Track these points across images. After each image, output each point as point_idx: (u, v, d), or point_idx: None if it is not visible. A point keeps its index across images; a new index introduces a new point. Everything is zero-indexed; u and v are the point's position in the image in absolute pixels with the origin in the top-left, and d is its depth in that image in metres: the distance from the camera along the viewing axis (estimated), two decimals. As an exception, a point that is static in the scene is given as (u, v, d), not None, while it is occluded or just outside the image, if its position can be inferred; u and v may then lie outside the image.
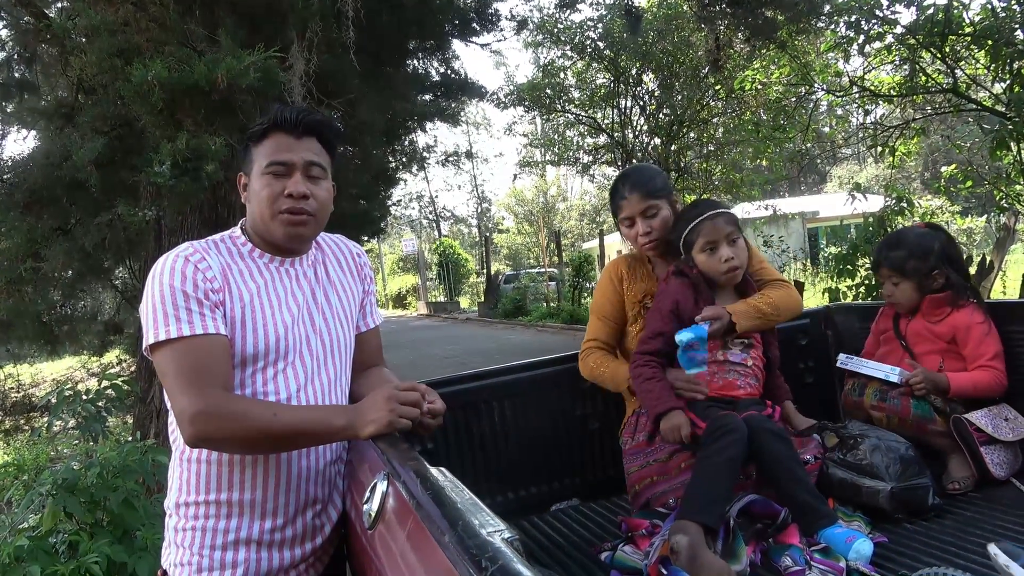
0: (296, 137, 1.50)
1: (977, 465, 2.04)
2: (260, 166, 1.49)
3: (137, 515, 2.66)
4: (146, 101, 3.48)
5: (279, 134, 1.50)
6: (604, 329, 2.28)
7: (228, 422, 1.33)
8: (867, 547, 1.64)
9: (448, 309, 27.96)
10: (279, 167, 1.48)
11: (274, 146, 1.49)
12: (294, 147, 1.49)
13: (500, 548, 0.76)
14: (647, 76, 14.66)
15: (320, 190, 1.52)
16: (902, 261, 2.24)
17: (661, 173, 2.25)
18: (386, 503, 1.20)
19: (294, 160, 1.48)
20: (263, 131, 1.51)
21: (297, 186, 1.47)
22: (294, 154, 1.48)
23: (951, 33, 6.94)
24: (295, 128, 1.50)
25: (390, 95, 6.64)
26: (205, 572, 1.46)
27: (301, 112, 1.51)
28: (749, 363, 2.04)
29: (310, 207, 1.49)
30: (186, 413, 1.33)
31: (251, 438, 1.36)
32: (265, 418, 1.35)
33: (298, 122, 1.50)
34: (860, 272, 6.59)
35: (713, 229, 2.01)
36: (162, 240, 4.73)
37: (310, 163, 1.50)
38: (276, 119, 1.50)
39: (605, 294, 2.28)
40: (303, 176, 1.49)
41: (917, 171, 32.78)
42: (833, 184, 39.53)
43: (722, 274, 2.03)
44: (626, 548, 1.83)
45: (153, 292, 1.40)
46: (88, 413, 3.34)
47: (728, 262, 2.00)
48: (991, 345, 2.14)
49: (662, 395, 1.96)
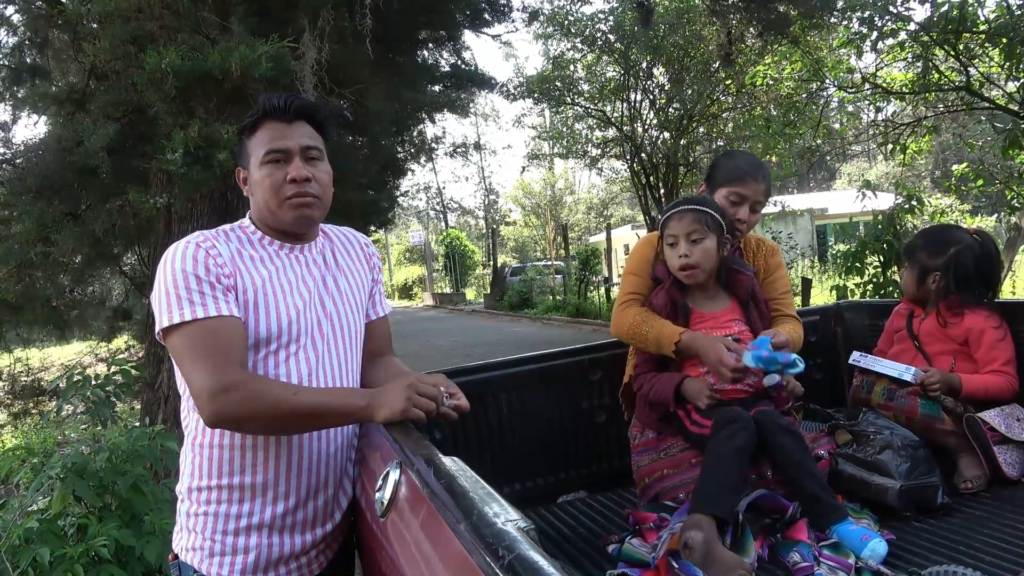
0: (288, 123, 1.50)
1: (989, 465, 2.03)
2: (258, 156, 1.50)
3: (145, 500, 2.68)
4: (159, 88, 3.49)
5: (271, 122, 1.50)
6: (645, 285, 2.19)
7: (250, 400, 1.33)
8: (882, 547, 1.64)
9: (454, 301, 28.01)
10: (277, 155, 1.48)
11: (268, 135, 1.49)
12: (288, 133, 1.50)
13: (516, 537, 0.77)
14: (657, 70, 14.58)
15: (320, 172, 1.53)
16: (914, 248, 2.30)
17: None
18: (399, 491, 1.20)
19: (291, 146, 1.49)
20: (254, 122, 1.52)
21: (299, 170, 1.48)
22: (290, 140, 1.49)
23: (965, 30, 6.89)
24: (286, 114, 1.50)
25: (400, 85, 6.64)
26: (217, 557, 1.47)
27: (289, 97, 1.51)
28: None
29: (314, 190, 1.51)
30: (206, 391, 1.32)
31: (272, 417, 1.37)
32: (286, 396, 1.36)
33: (288, 107, 1.50)
34: (868, 270, 6.55)
35: (677, 225, 2.02)
36: (172, 227, 4.74)
37: (307, 147, 1.51)
38: (265, 108, 1.50)
39: (643, 255, 2.24)
40: (302, 160, 1.50)
41: (928, 169, 32.61)
42: (842, 181, 39.36)
43: (677, 270, 2.03)
44: (634, 541, 1.84)
45: (166, 277, 1.40)
46: (97, 398, 3.36)
47: (682, 259, 2.00)
48: (1004, 350, 2.14)
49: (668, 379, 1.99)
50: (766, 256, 2.30)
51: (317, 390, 1.47)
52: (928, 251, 2.26)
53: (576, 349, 2.52)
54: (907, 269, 2.33)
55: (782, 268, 2.33)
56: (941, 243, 2.24)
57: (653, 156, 14.79)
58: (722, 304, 2.08)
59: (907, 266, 2.33)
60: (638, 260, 2.24)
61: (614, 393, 2.40)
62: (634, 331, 2.09)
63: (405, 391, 1.38)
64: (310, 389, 1.45)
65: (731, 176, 2.20)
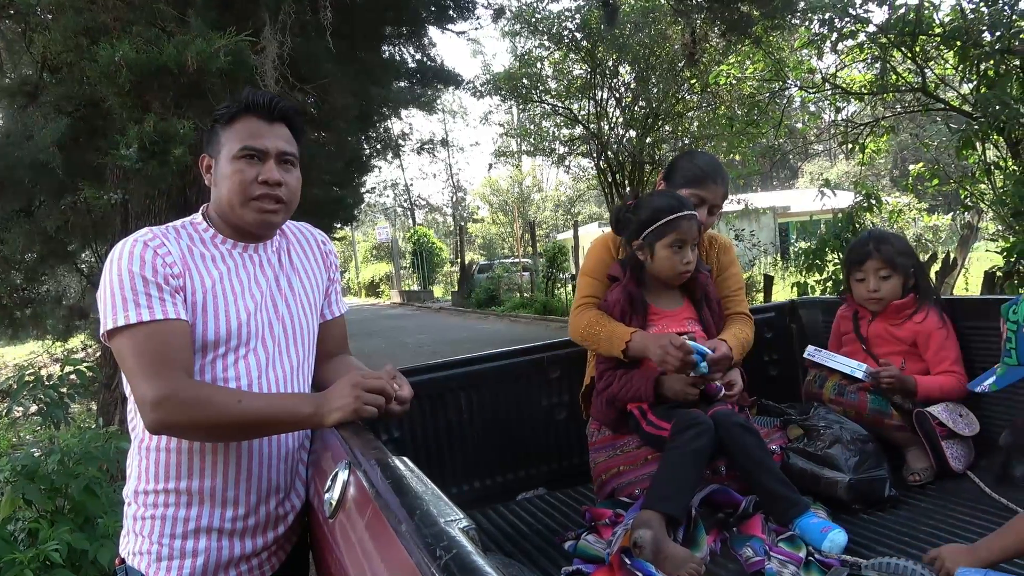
0: (268, 122, 1.48)
1: (937, 459, 2.09)
2: (231, 150, 1.46)
3: (99, 502, 2.63)
4: (113, 82, 3.41)
5: (251, 118, 1.47)
6: (600, 287, 2.21)
7: (192, 408, 1.31)
8: (842, 537, 1.68)
9: (421, 298, 27.87)
10: (252, 152, 1.45)
11: (246, 131, 1.46)
12: (267, 133, 1.47)
13: (456, 538, 0.77)
14: (623, 68, 14.70)
15: (292, 178, 1.50)
16: (894, 255, 2.24)
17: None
18: (347, 492, 1.19)
19: (268, 147, 1.46)
20: (233, 114, 1.48)
21: (272, 173, 1.45)
22: (268, 141, 1.46)
23: (921, 33, 7.04)
24: (268, 113, 1.48)
25: (365, 80, 6.58)
26: (164, 561, 1.44)
27: (275, 98, 1.49)
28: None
29: (283, 194, 1.48)
30: (148, 399, 1.30)
31: (215, 425, 1.34)
32: (230, 405, 1.33)
33: (272, 107, 1.48)
34: (828, 267, 6.69)
35: (689, 230, 1.99)
36: (129, 224, 4.65)
37: (283, 152, 1.49)
38: (248, 102, 1.47)
39: (599, 257, 2.25)
40: (277, 163, 1.47)
41: (886, 168, 33.29)
42: (804, 180, 39.98)
43: (677, 275, 2.03)
44: (589, 537, 1.85)
45: (111, 277, 1.37)
46: (50, 399, 3.28)
47: (687, 265, 2.01)
48: (952, 349, 2.20)
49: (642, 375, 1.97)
50: (719, 253, 2.33)
51: (263, 397, 1.43)
52: (906, 256, 2.28)
53: (536, 347, 2.52)
54: (892, 277, 2.24)
55: (735, 265, 2.36)
56: (903, 243, 2.30)
57: (619, 154, 14.92)
58: (677, 302, 2.10)
59: (889, 274, 2.24)
60: (594, 262, 2.26)
61: (574, 391, 2.42)
62: (587, 332, 2.11)
63: (352, 391, 1.37)
64: (255, 396, 1.42)
65: (692, 178, 2.21)
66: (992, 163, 6.61)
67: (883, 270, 2.24)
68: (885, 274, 2.24)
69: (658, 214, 2.00)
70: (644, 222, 2.02)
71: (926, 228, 14.00)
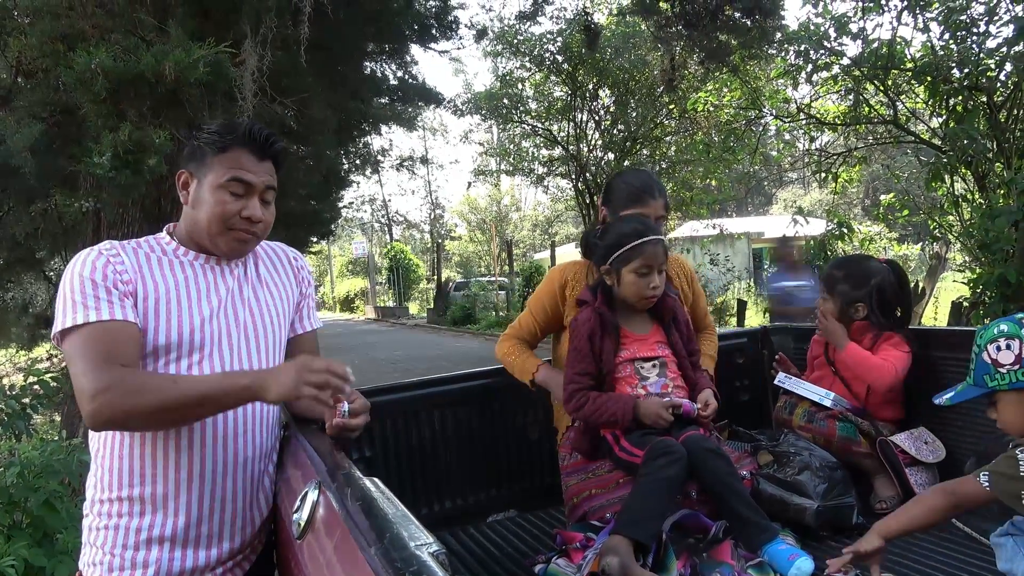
0: (259, 158, 1.50)
1: (902, 485, 2.11)
2: (218, 177, 1.47)
3: (59, 517, 2.57)
4: (88, 89, 3.37)
5: (244, 150, 1.48)
6: (532, 325, 2.34)
7: (128, 396, 1.30)
8: (808, 565, 1.68)
9: (397, 314, 27.74)
10: (240, 185, 1.47)
11: (237, 162, 1.47)
12: (257, 168, 1.49)
13: (426, 562, 0.76)
14: (603, 92, 14.83)
15: (269, 213, 1.54)
16: (835, 281, 2.35)
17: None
18: (316, 512, 1.18)
19: (256, 182, 1.49)
20: (228, 143, 1.48)
21: (255, 211, 1.49)
22: (256, 176, 1.49)
23: (893, 67, 7.22)
24: (262, 150, 1.50)
25: (345, 95, 6.58)
26: (116, 572, 1.43)
27: (271, 136, 1.52)
28: (670, 387, 2.02)
29: (259, 230, 1.52)
30: (86, 392, 1.30)
31: (153, 408, 1.32)
32: (165, 387, 1.33)
33: (268, 145, 1.51)
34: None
35: (655, 255, 1.99)
36: (100, 232, 4.56)
37: (268, 187, 1.52)
38: (245, 134, 1.49)
39: (547, 295, 2.31)
40: (260, 200, 1.50)
41: (859, 197, 33.93)
42: (778, 206, 40.58)
43: (644, 299, 2.03)
44: (559, 561, 1.84)
45: (64, 283, 1.41)
46: (12, 410, 3.20)
47: (654, 290, 2.02)
48: (901, 360, 2.22)
49: (620, 400, 1.96)
50: (690, 282, 2.38)
51: (199, 377, 1.43)
52: (850, 283, 2.32)
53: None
54: (828, 300, 2.36)
55: (701, 292, 2.47)
56: (862, 275, 2.32)
57: (598, 176, 15.01)
58: (647, 326, 2.10)
59: (828, 298, 2.36)
60: (539, 297, 2.32)
61: (547, 411, 2.41)
62: (504, 359, 2.35)
63: (295, 370, 1.34)
64: (191, 377, 1.41)
65: (630, 197, 2.21)
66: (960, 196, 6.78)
67: (824, 292, 2.40)
68: (824, 297, 2.39)
69: (624, 239, 2.01)
70: (610, 247, 2.03)
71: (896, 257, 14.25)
